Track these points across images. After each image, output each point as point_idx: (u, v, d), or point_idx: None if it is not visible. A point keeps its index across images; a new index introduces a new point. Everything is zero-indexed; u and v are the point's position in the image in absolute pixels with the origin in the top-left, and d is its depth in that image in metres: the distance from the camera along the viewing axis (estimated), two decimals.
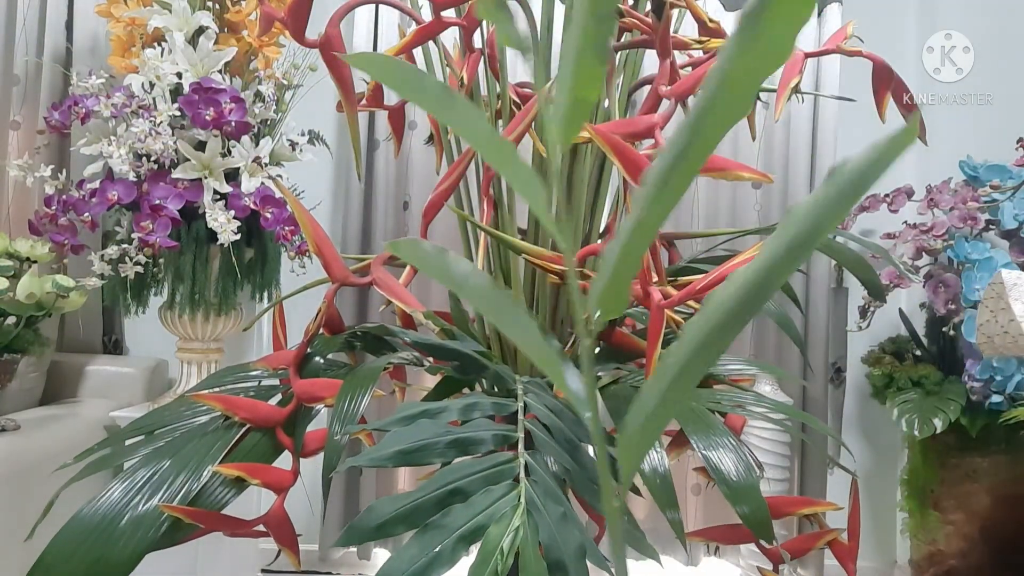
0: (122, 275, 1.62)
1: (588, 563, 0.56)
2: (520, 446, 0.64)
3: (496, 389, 0.84)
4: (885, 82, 0.91)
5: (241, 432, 0.77)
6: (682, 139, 0.22)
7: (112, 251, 1.62)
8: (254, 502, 1.69)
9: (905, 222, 2.05)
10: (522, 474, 0.61)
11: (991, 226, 1.95)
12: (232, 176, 1.69)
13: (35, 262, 1.67)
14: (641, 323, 0.96)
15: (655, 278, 0.80)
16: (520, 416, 0.69)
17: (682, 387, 0.23)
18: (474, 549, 0.55)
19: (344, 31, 1.28)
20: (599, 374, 0.89)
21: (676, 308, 0.78)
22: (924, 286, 2.01)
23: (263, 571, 2.04)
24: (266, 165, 1.69)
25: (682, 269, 1.03)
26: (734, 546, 2.16)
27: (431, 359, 0.83)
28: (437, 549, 0.53)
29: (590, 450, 0.73)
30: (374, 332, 0.94)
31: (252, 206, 1.66)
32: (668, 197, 0.23)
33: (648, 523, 2.19)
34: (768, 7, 0.19)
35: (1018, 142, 1.98)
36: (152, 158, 1.59)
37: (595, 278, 0.27)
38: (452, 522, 0.55)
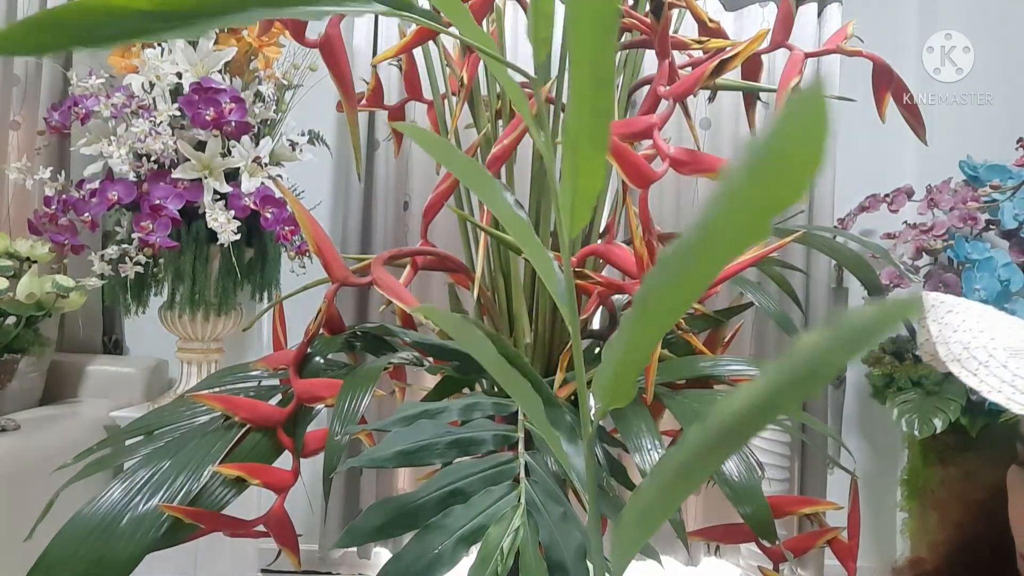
0: (122, 275, 1.62)
1: (588, 563, 0.56)
2: (520, 446, 0.64)
3: (496, 389, 0.84)
4: (885, 82, 0.91)
5: (241, 432, 0.77)
6: (684, 262, 0.21)
7: (112, 251, 1.61)
8: (254, 502, 1.69)
9: (905, 222, 2.05)
10: (522, 474, 0.61)
11: (991, 226, 1.95)
12: (232, 176, 1.69)
13: (35, 262, 1.67)
14: None
15: None
16: (520, 416, 0.69)
17: (679, 491, 0.23)
18: (475, 550, 0.55)
19: (344, 31, 1.28)
20: None
21: None
22: (924, 286, 2.01)
23: (263, 571, 2.04)
24: (266, 165, 1.68)
25: None
26: (734, 546, 2.16)
27: (431, 359, 0.83)
28: (437, 550, 0.53)
29: None
30: (374, 332, 0.94)
31: (252, 206, 1.65)
32: (670, 313, 0.23)
33: None
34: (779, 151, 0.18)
35: (1018, 142, 1.98)
36: (152, 158, 1.59)
37: (599, 371, 0.27)
38: (452, 523, 0.55)
